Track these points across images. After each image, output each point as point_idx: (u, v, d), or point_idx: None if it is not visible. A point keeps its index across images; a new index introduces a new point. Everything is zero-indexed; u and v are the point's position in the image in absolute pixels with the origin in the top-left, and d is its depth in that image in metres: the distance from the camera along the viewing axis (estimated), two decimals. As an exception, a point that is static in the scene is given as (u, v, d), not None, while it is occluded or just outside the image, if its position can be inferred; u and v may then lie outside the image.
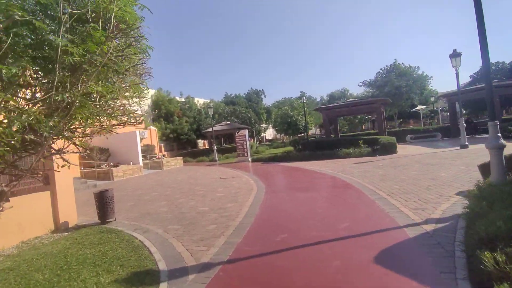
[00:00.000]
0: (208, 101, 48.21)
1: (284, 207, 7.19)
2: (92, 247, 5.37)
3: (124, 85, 3.24)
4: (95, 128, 3.48)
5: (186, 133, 39.92)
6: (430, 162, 11.75)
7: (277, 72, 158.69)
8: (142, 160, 20.81)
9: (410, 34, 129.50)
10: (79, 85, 2.59)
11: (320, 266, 3.86)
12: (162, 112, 39.04)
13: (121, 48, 2.90)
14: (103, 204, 7.01)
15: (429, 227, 4.81)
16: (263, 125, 53.31)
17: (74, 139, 3.30)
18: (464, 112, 25.58)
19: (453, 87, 25.00)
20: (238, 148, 22.84)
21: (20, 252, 5.57)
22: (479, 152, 12.46)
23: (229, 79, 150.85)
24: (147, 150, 22.47)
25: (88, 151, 18.11)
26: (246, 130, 23.10)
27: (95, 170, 17.00)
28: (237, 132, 24.18)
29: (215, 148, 25.19)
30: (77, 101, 2.57)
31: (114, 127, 3.47)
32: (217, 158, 24.74)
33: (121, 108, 3.37)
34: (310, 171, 13.02)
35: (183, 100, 43.24)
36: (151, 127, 27.76)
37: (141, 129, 25.72)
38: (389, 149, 16.43)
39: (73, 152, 3.58)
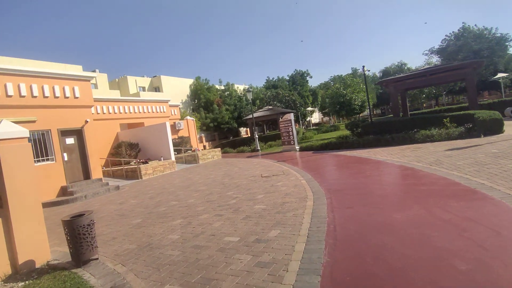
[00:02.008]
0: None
1: (373, 244, 3.85)
2: None
3: None
4: None
5: (227, 122, 37.85)
6: None
7: (322, 53, 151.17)
8: (176, 154, 18.81)
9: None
10: None
11: None
12: (202, 101, 37.30)
13: None
14: (75, 237, 4.56)
15: None
16: (309, 109, 49.50)
17: None
18: None
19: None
20: (282, 136, 19.87)
21: None
22: None
23: (271, 64, 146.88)
24: (182, 142, 20.44)
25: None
26: (292, 114, 19.91)
27: (123, 168, 15.26)
28: (281, 117, 21.24)
29: (257, 136, 22.49)
30: None
31: None
32: (259, 148, 22.04)
33: None
34: (387, 164, 9.49)
35: (222, 88, 41.08)
36: (188, 117, 25.81)
37: (176, 120, 23.88)
38: (492, 128, 12.15)
39: None
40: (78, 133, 12.67)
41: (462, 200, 5.06)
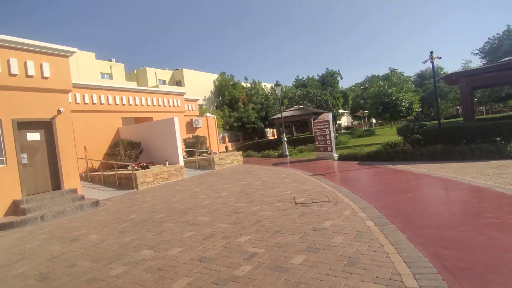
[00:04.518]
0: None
1: None
2: None
3: None
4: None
5: (253, 122, 33.94)
6: None
7: (352, 55, 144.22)
8: (187, 157, 15.12)
9: None
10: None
11: None
12: (226, 98, 33.65)
13: None
14: None
15: None
16: (341, 111, 44.68)
17: None
18: None
19: None
20: (317, 140, 15.58)
21: None
22: None
23: (299, 65, 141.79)
24: (196, 142, 16.67)
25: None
26: (330, 114, 15.49)
27: (115, 174, 11.66)
28: (312, 119, 17.09)
29: (285, 139, 18.33)
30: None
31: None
32: (287, 153, 17.85)
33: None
34: (507, 197, 5.14)
35: (248, 85, 37.28)
36: (208, 114, 22.13)
37: (193, 117, 20.23)
38: None
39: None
40: (47, 127, 9.08)
41: None
